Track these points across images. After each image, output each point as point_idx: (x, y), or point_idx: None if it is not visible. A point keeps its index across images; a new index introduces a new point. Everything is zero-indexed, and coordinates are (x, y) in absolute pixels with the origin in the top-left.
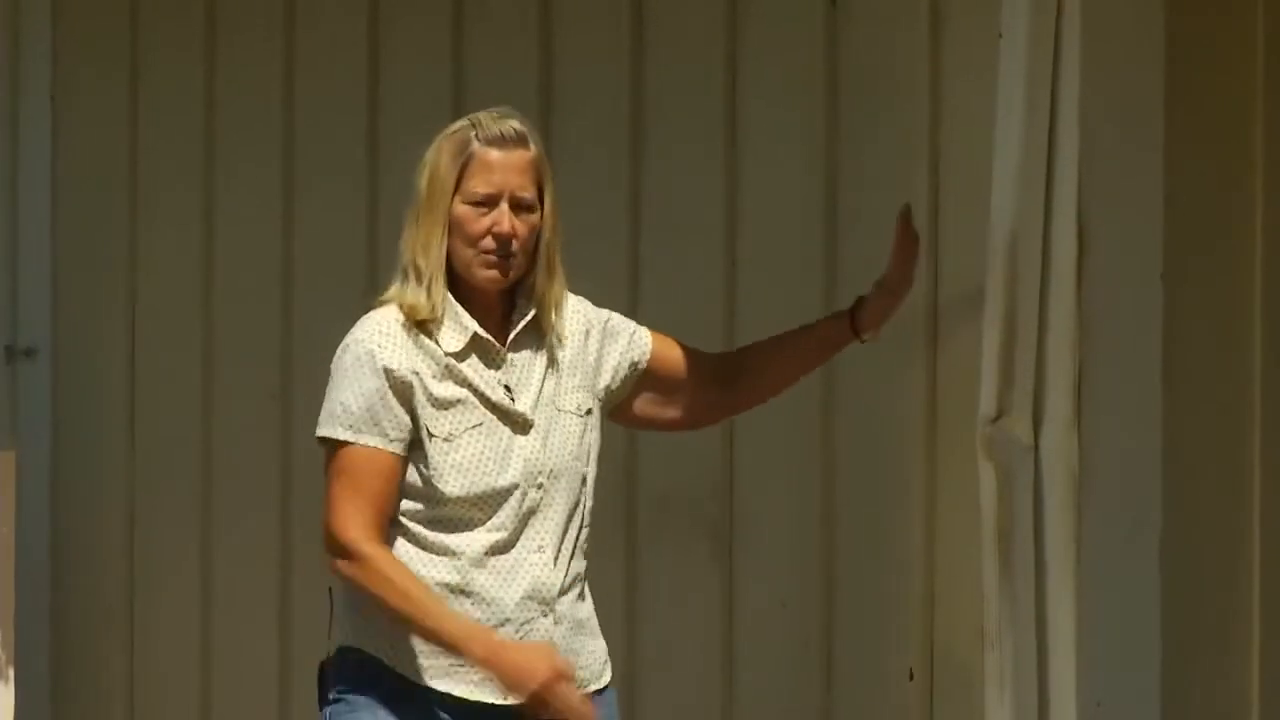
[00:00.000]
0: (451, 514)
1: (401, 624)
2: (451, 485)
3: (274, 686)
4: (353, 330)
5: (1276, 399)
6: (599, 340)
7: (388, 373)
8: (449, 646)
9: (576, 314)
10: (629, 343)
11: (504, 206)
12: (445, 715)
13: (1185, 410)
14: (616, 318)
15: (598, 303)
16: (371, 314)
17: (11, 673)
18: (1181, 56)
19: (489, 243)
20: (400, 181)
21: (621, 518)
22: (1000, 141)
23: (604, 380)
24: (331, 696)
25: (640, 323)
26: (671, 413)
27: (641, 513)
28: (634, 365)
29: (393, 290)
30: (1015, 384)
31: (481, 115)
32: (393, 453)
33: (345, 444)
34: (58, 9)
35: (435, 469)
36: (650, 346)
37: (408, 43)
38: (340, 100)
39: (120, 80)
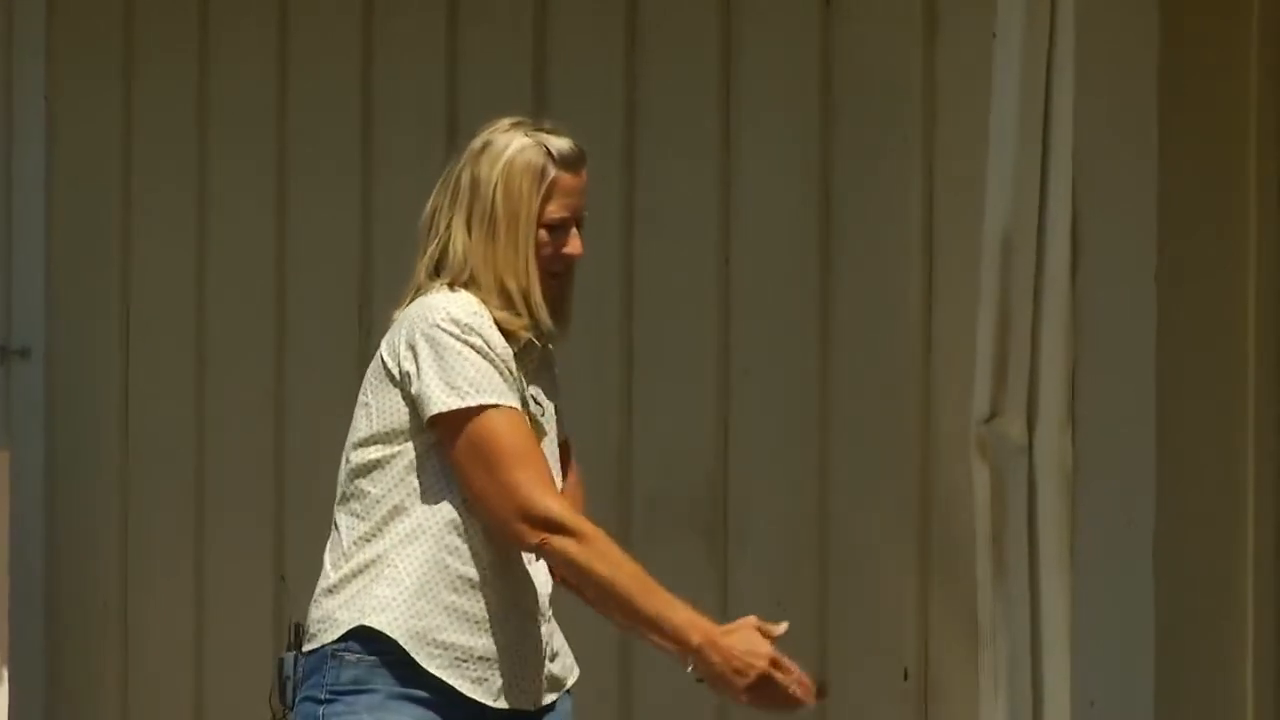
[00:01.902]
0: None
1: (617, 603)
2: None
3: (266, 684)
4: (437, 306)
5: (1269, 399)
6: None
7: (489, 346)
8: (666, 632)
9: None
10: (562, 416)
11: (574, 228)
12: (447, 711)
13: (1178, 410)
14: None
15: (590, 304)
16: (449, 294)
17: (6, 671)
18: (1175, 57)
19: (558, 265)
20: (394, 183)
21: (616, 517)
22: (994, 142)
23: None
24: (323, 696)
25: (635, 325)
26: None
27: (636, 512)
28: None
29: (461, 292)
30: (1009, 384)
31: (547, 134)
32: (519, 410)
33: (484, 413)
34: (52, 10)
35: None
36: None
37: (402, 43)
38: (334, 101)
39: (114, 81)
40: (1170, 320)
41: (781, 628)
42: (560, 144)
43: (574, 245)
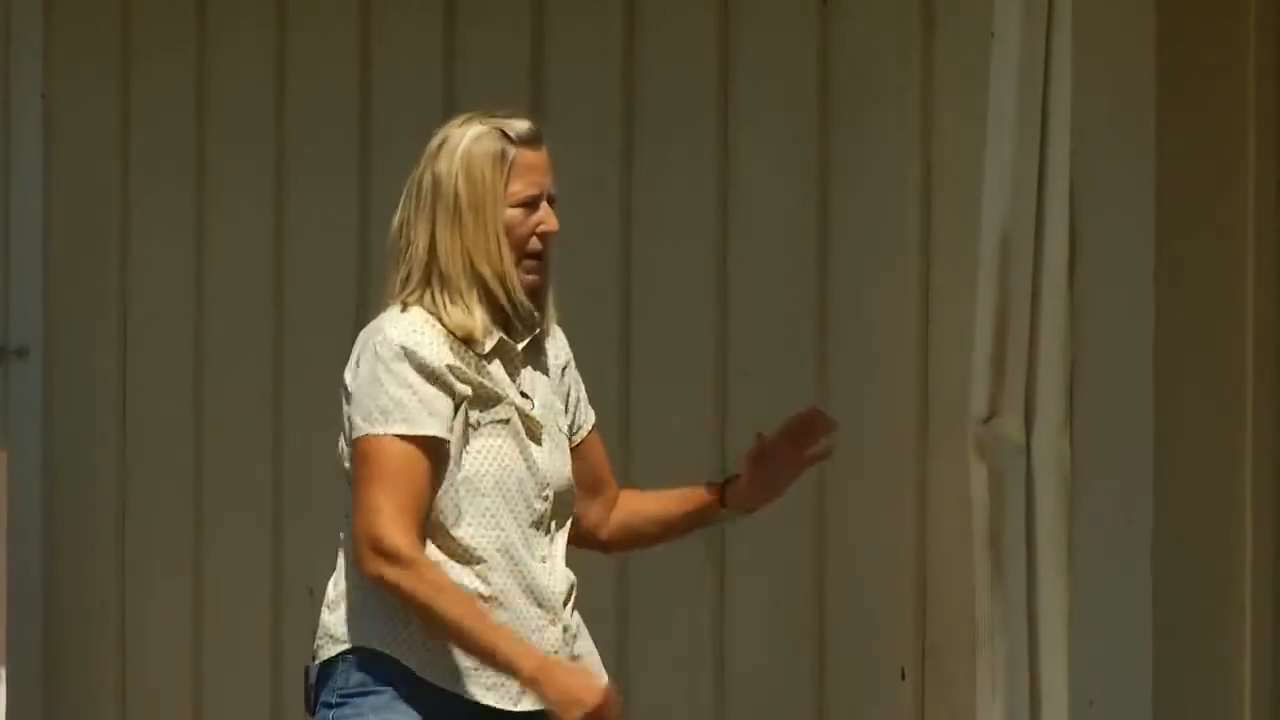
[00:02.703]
0: (469, 507)
1: (446, 633)
2: (471, 473)
3: (265, 685)
4: (379, 329)
5: (1268, 399)
6: (572, 380)
7: (422, 367)
8: (496, 661)
9: (562, 345)
10: (582, 406)
11: (544, 205)
12: (454, 712)
13: (1177, 410)
14: (580, 383)
15: (588, 305)
16: (395, 313)
17: (3, 671)
18: (1173, 56)
19: (535, 244)
20: (393, 182)
21: None
22: (992, 141)
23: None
24: (334, 700)
25: (632, 325)
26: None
27: None
28: (576, 429)
29: (421, 298)
30: (1007, 384)
31: (500, 118)
32: (444, 439)
33: (393, 439)
34: (49, 8)
35: (459, 455)
36: (590, 425)
37: (400, 42)
38: (332, 100)
39: (112, 79)
40: (1169, 320)
41: (615, 688)
42: (515, 124)
43: (549, 221)
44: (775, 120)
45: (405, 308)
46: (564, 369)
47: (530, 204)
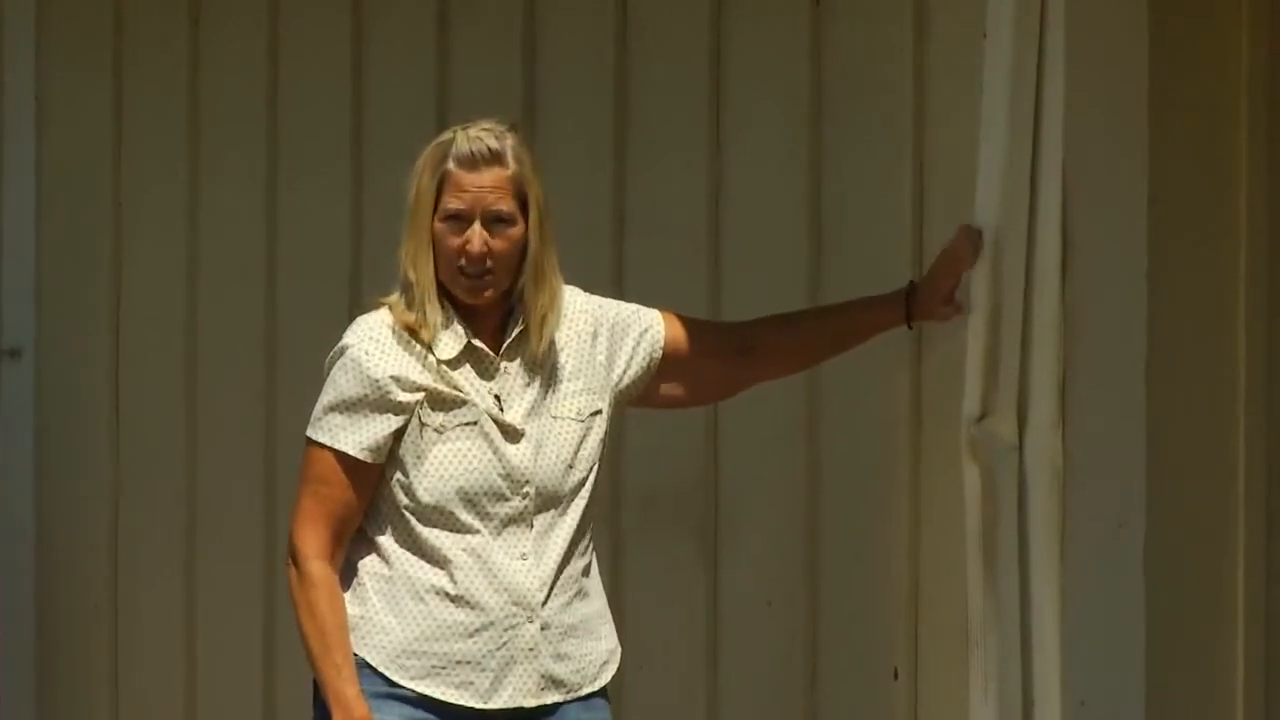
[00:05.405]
0: (433, 509)
1: (303, 644)
2: (434, 477)
3: (258, 685)
4: (346, 333)
5: (1260, 398)
6: (608, 338)
7: (372, 381)
8: (325, 692)
9: (583, 313)
10: (640, 337)
11: (476, 225)
12: (425, 717)
13: (1169, 410)
14: (625, 310)
15: None
16: (364, 317)
17: None
18: (1165, 56)
19: (462, 262)
20: (385, 180)
21: (606, 515)
22: (985, 141)
23: (615, 377)
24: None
25: None
26: (697, 391)
27: (626, 510)
28: (649, 359)
29: (394, 296)
30: (1000, 384)
31: (461, 132)
32: (365, 461)
33: (320, 447)
34: (42, 9)
35: (422, 458)
36: (664, 336)
37: (392, 41)
38: (325, 100)
39: (105, 80)
40: (1161, 319)
41: None
42: (466, 144)
43: (474, 243)
44: (768, 120)
45: (379, 307)
46: (593, 338)
47: (455, 219)
